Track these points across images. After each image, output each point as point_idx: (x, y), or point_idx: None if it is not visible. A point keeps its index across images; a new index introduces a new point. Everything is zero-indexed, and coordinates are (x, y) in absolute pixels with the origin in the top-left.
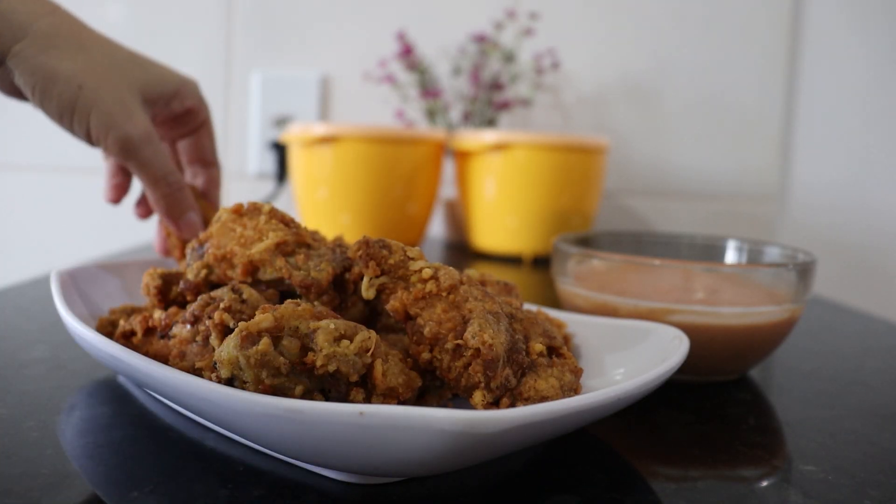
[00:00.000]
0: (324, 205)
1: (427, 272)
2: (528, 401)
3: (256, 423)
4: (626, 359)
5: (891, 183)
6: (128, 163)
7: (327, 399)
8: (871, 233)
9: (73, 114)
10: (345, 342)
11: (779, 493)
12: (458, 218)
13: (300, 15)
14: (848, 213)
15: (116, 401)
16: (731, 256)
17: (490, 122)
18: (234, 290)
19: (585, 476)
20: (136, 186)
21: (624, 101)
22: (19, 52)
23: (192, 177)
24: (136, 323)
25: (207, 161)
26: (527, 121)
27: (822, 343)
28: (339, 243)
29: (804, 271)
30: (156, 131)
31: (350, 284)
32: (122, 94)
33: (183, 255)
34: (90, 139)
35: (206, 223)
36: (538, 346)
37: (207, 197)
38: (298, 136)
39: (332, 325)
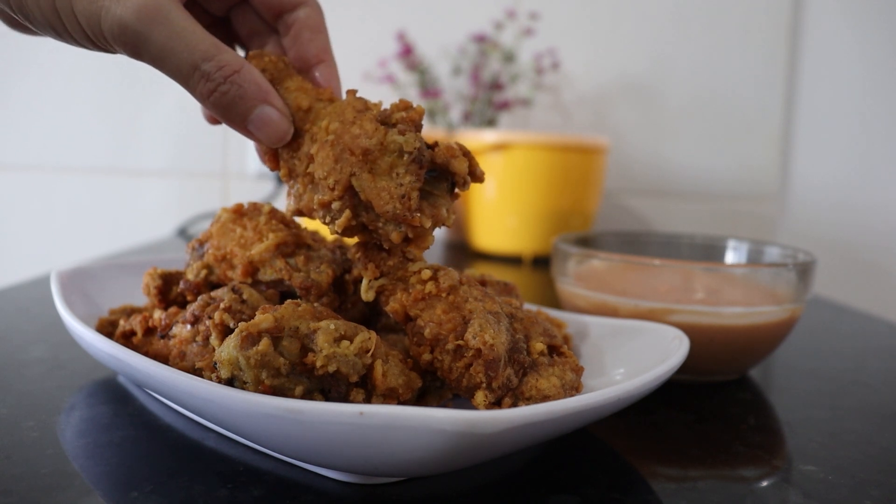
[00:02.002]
0: None
1: (426, 273)
2: (530, 400)
3: (256, 423)
4: (626, 359)
5: (891, 183)
6: (140, 58)
7: (327, 399)
8: (871, 233)
9: (57, 16)
10: (345, 343)
11: (779, 493)
12: (458, 218)
13: None
14: (848, 212)
15: (116, 401)
16: (731, 256)
17: (490, 122)
18: (234, 291)
19: (585, 476)
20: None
21: (624, 100)
22: None
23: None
24: (136, 323)
25: (291, 3)
26: (527, 121)
27: (822, 343)
28: (338, 244)
29: (804, 271)
30: (176, 4)
31: (350, 285)
32: None
33: (275, 165)
34: (92, 42)
35: (303, 109)
36: (539, 346)
37: (308, 51)
38: None
39: (332, 326)
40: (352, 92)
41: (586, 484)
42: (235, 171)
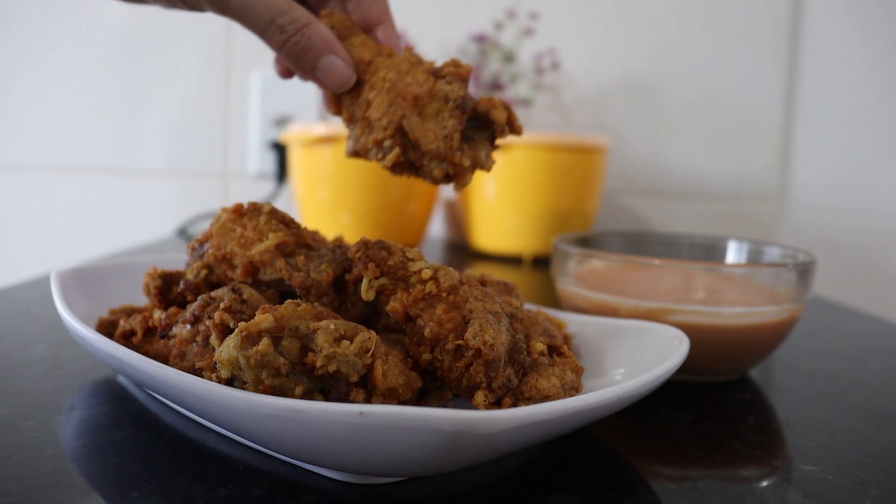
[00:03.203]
0: (324, 205)
1: (426, 273)
2: (529, 400)
3: (256, 423)
4: (626, 359)
5: (891, 183)
6: (224, 14)
7: (327, 399)
8: (871, 233)
9: None
10: (345, 343)
11: (779, 493)
12: (458, 218)
13: None
14: (848, 212)
15: (116, 401)
16: (731, 256)
17: None
18: (234, 291)
19: (585, 476)
20: None
21: (624, 100)
22: None
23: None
24: (136, 323)
25: None
26: (527, 121)
27: (822, 343)
28: (339, 244)
29: (804, 271)
30: None
31: (350, 285)
32: None
33: (338, 110)
34: (183, 2)
35: (364, 62)
36: (539, 346)
37: (368, 14)
38: (298, 137)
39: (332, 326)
40: (408, 48)
41: (586, 484)
42: (235, 171)
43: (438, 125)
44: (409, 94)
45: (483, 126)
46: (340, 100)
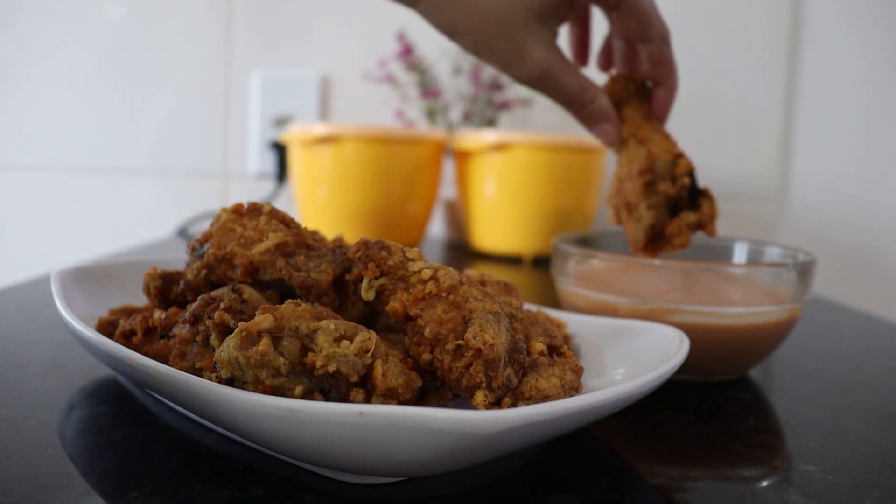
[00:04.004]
0: (324, 205)
1: (426, 273)
2: (529, 400)
3: (256, 423)
4: (626, 359)
5: (891, 183)
6: (541, 91)
7: (327, 399)
8: (871, 233)
9: (478, 57)
10: (345, 342)
11: (779, 493)
12: (458, 218)
13: (300, 15)
14: (848, 212)
15: (116, 401)
16: (731, 256)
17: (490, 122)
18: (234, 290)
19: (585, 476)
20: None
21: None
22: (422, 10)
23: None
24: (136, 323)
25: (640, 38)
26: (527, 121)
27: (822, 343)
28: (339, 244)
29: (804, 271)
30: (558, 56)
31: (350, 285)
32: (513, 40)
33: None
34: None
35: (623, 138)
36: (539, 346)
37: (652, 75)
38: (298, 137)
39: (332, 326)
40: (655, 143)
41: (586, 484)
42: (235, 171)
43: (637, 226)
44: (626, 198)
45: (693, 204)
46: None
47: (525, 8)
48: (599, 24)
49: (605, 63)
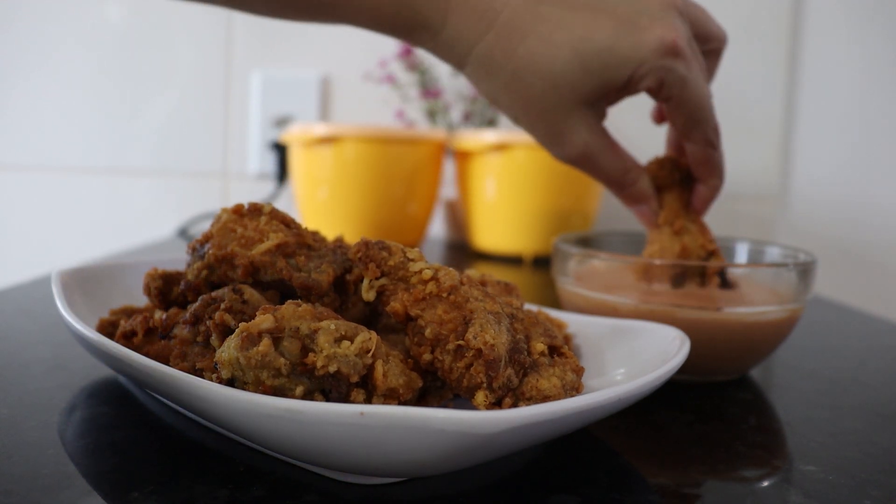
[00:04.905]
0: (324, 205)
1: (427, 273)
2: (530, 400)
3: (257, 423)
4: (626, 359)
5: (891, 182)
6: (588, 172)
7: (328, 400)
8: (871, 233)
9: (519, 129)
10: (345, 343)
11: (779, 493)
12: (458, 218)
13: None
14: (848, 212)
15: (117, 401)
16: (731, 256)
17: (490, 122)
18: (234, 291)
19: (586, 476)
20: None
21: (623, 100)
22: (469, 74)
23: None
24: (136, 323)
25: (685, 135)
26: None
27: (822, 343)
28: (339, 244)
29: (805, 271)
30: (599, 138)
31: (351, 285)
32: (555, 124)
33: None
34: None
35: (658, 224)
36: (539, 346)
37: (696, 171)
38: (299, 137)
39: (332, 326)
40: (690, 237)
41: (586, 484)
42: (235, 171)
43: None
44: (650, 282)
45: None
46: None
47: (571, 93)
48: None
49: (659, 118)
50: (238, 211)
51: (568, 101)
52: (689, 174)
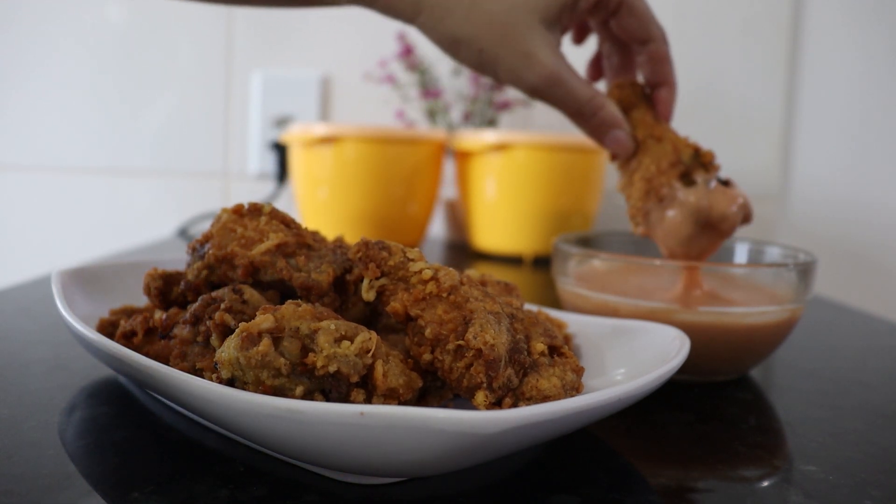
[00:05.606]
0: (324, 205)
1: (427, 273)
2: (530, 400)
3: (257, 423)
4: (626, 359)
5: (891, 182)
6: (543, 101)
7: (328, 400)
8: (871, 232)
9: (482, 69)
10: (345, 343)
11: (779, 493)
12: (458, 218)
13: (300, 15)
14: (848, 212)
15: (117, 401)
16: (731, 256)
17: (490, 122)
18: (234, 291)
19: (586, 476)
20: None
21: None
22: (422, 24)
23: (636, 57)
24: (136, 323)
25: (639, 39)
26: (527, 121)
27: (822, 343)
28: (339, 244)
29: (805, 271)
30: (565, 62)
31: (351, 285)
32: (520, 43)
33: (613, 159)
34: (504, 84)
35: (638, 140)
36: (539, 346)
37: (653, 76)
38: (299, 137)
39: (332, 326)
40: (672, 140)
41: (586, 484)
42: (235, 171)
43: (673, 227)
44: (659, 193)
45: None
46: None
47: (529, 11)
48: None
49: (594, 75)
50: (238, 211)
51: (528, 19)
52: (645, 92)
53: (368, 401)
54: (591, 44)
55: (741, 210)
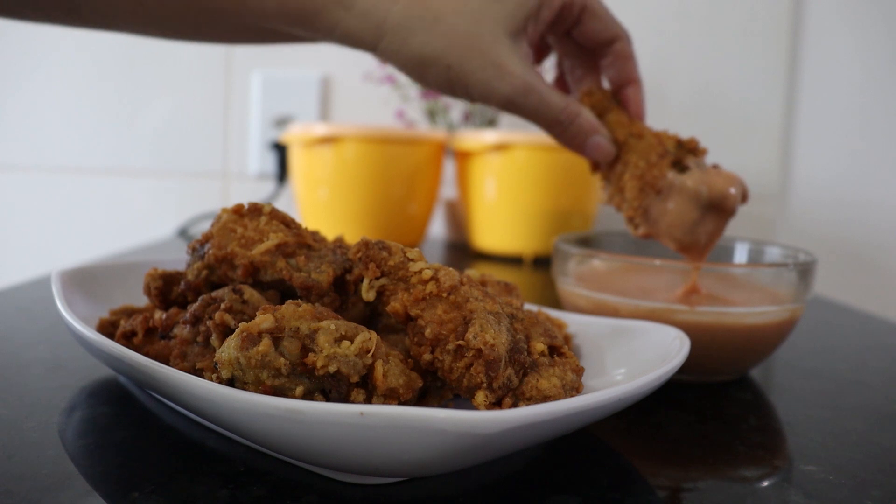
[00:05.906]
0: (324, 205)
1: (427, 273)
2: (530, 400)
3: (257, 423)
4: (626, 359)
5: (891, 182)
6: (516, 114)
7: (328, 400)
8: (871, 232)
9: (452, 89)
10: (345, 343)
11: (779, 493)
12: (458, 218)
13: None
14: (848, 212)
15: (117, 401)
16: (731, 256)
17: (490, 122)
18: (234, 291)
19: (586, 476)
20: None
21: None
22: (385, 48)
23: (600, 60)
24: (136, 323)
25: (604, 41)
26: (527, 121)
27: (822, 343)
28: (339, 244)
29: (805, 271)
30: (536, 72)
31: (351, 285)
32: (489, 55)
33: (596, 169)
34: (476, 102)
35: (619, 141)
36: (539, 346)
37: (620, 76)
38: (299, 137)
39: (332, 326)
40: (653, 135)
41: (586, 484)
42: (235, 171)
43: (677, 216)
44: (655, 186)
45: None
46: (599, 164)
47: (495, 23)
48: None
49: (560, 88)
50: (238, 211)
51: (493, 30)
52: (614, 95)
53: (368, 401)
54: (550, 64)
55: (739, 188)
